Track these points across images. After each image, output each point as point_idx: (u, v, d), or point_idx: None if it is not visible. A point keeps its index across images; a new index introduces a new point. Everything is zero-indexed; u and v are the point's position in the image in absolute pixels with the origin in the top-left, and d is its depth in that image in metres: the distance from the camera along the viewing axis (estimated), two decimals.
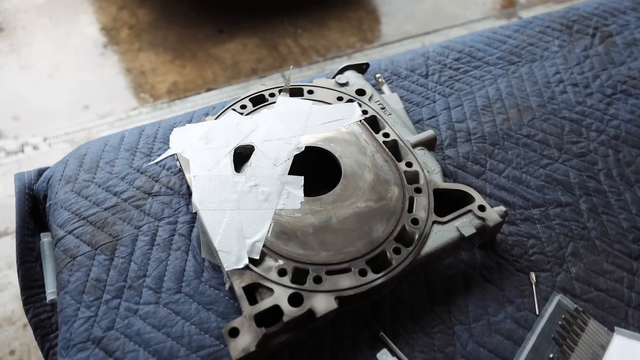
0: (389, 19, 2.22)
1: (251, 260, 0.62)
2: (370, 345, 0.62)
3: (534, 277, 0.69)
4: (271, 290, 0.60)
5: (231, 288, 0.63)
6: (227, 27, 2.08)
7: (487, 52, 0.99)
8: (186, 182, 0.75)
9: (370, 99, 0.82)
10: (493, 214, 0.67)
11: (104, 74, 1.90)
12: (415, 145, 0.76)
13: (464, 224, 0.66)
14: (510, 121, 0.87)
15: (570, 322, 0.63)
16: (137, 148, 0.82)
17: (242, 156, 0.74)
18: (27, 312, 0.75)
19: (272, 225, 0.65)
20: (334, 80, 0.85)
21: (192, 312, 0.64)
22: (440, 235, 0.66)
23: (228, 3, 2.19)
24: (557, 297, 0.66)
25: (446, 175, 0.79)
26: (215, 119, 0.78)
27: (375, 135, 0.76)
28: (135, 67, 1.92)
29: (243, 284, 0.60)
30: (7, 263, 1.37)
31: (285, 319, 0.57)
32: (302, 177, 0.70)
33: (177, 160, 0.74)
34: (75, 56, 1.96)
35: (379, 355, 0.61)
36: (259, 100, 0.81)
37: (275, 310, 0.58)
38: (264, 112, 0.79)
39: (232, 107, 0.80)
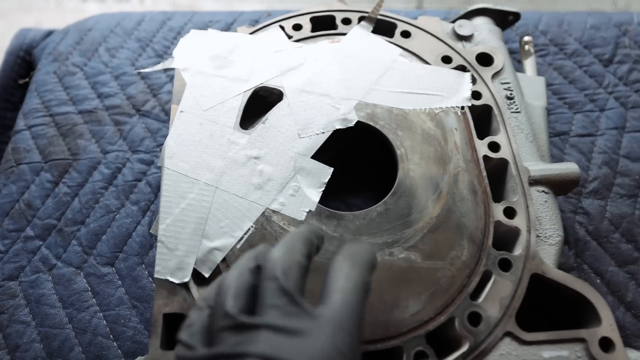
0: None
1: (197, 274, 0.40)
2: None
3: None
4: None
5: None
6: None
7: None
8: None
9: (497, 74, 0.49)
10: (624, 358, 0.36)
11: None
12: (536, 182, 0.44)
13: None
14: None
15: None
16: (151, 40, 0.60)
17: (260, 104, 0.48)
18: None
19: (250, 232, 0.41)
20: (451, 25, 0.53)
21: (113, 302, 0.45)
22: None
23: None
24: None
25: (567, 245, 0.47)
26: (251, 33, 0.52)
27: (477, 141, 0.46)
28: None
29: (167, 309, 0.38)
30: None
31: None
32: (331, 169, 0.44)
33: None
34: None
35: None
36: (324, 23, 0.53)
37: None
38: (323, 44, 0.51)
39: (281, 22, 0.52)
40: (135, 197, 0.50)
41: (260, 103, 0.48)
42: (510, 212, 0.42)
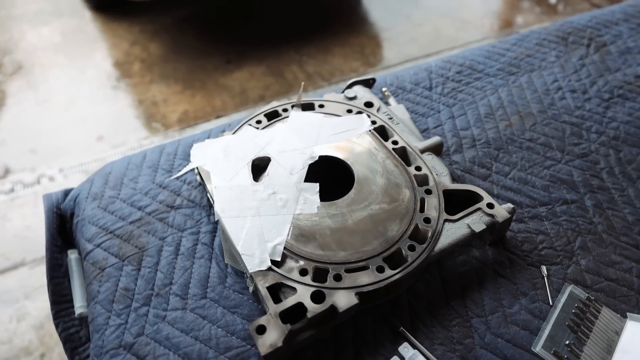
0: (390, 43, 2.30)
1: (273, 262, 0.65)
2: (391, 340, 0.64)
3: (545, 270, 0.71)
4: (294, 289, 0.63)
5: (255, 291, 0.66)
6: (234, 57, 2.16)
7: (487, 65, 1.04)
8: (206, 194, 0.79)
9: (378, 110, 0.86)
10: (501, 210, 0.71)
11: (117, 107, 1.97)
12: (423, 151, 0.80)
13: (474, 221, 0.69)
14: (512, 127, 0.91)
15: (584, 310, 0.65)
16: (158, 165, 0.87)
17: (259, 167, 0.78)
18: (57, 326, 0.78)
19: (291, 229, 0.69)
20: (342, 94, 0.90)
21: (218, 316, 0.67)
22: (452, 232, 0.69)
23: (235, 35, 2.29)
24: (569, 288, 0.68)
25: (454, 178, 0.83)
26: (233, 134, 0.83)
27: (385, 143, 0.80)
28: (147, 98, 2.00)
29: (267, 284, 0.63)
30: (25, 293, 1.39)
31: (309, 315, 0.60)
32: (317, 184, 0.74)
33: (198, 174, 0.78)
34: (89, 90, 2.05)
35: (400, 349, 0.63)
36: (273, 116, 0.86)
37: (299, 307, 0.61)
38: (278, 126, 0.83)
39: (248, 122, 0.85)
40: (199, 254, 0.74)
41: (257, 167, 0.78)
42: (418, 168, 0.76)
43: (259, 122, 0.85)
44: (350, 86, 0.93)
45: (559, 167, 0.85)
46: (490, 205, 0.71)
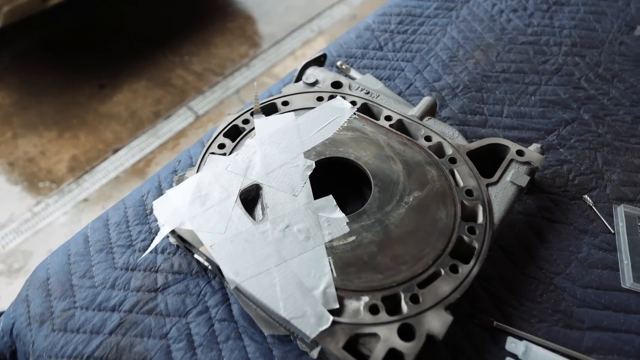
0: (269, 17, 2.13)
1: (333, 312, 0.51)
2: (491, 340, 0.55)
3: (589, 199, 0.66)
4: (374, 335, 0.50)
5: (321, 356, 0.52)
6: (107, 80, 1.84)
7: (424, 7, 0.96)
8: (195, 258, 0.61)
9: (350, 88, 0.74)
10: (533, 154, 0.64)
11: None
12: (421, 117, 0.69)
13: (515, 175, 0.62)
14: (480, 63, 0.85)
15: None
16: (111, 243, 0.65)
17: (249, 201, 0.61)
18: None
19: (331, 263, 0.55)
20: (301, 82, 0.75)
21: None
22: (500, 196, 0.60)
23: (99, 55, 1.94)
24: (620, 209, 0.64)
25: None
26: (197, 171, 0.64)
27: (378, 122, 0.69)
28: (18, 157, 1.62)
29: (341, 344, 0.49)
30: None
31: (407, 359, 0.47)
32: (330, 196, 0.60)
33: (178, 237, 0.60)
34: None
35: (507, 346, 0.54)
36: (234, 133, 0.69)
37: (392, 354, 0.48)
38: (248, 143, 0.67)
39: (209, 150, 0.66)
40: (223, 336, 0.57)
41: (249, 202, 0.61)
42: (428, 138, 0.66)
43: (221, 145, 0.67)
44: (302, 71, 0.78)
45: (542, 89, 0.80)
46: (520, 153, 0.64)
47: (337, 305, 0.52)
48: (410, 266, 0.54)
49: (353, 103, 0.71)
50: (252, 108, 0.70)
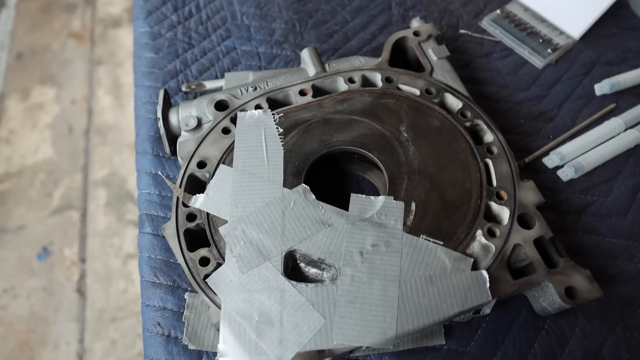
0: None
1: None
2: None
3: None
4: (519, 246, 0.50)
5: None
6: None
7: None
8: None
9: (236, 97, 0.61)
10: (424, 26, 0.66)
11: None
12: (323, 68, 0.63)
13: (434, 52, 0.64)
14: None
15: None
16: None
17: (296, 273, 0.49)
18: None
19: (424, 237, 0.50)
20: (185, 135, 0.59)
21: None
22: (448, 75, 0.62)
23: None
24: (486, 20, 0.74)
25: None
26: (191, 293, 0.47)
27: (300, 104, 0.60)
28: None
29: (510, 279, 0.48)
30: None
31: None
32: (352, 193, 0.53)
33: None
34: None
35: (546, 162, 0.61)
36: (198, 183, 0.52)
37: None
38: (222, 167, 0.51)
39: (177, 210, 0.49)
40: None
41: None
42: (351, 80, 0.61)
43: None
44: (168, 126, 0.60)
45: None
46: (416, 33, 0.65)
47: (471, 262, 0.49)
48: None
49: (258, 107, 0.60)
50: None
